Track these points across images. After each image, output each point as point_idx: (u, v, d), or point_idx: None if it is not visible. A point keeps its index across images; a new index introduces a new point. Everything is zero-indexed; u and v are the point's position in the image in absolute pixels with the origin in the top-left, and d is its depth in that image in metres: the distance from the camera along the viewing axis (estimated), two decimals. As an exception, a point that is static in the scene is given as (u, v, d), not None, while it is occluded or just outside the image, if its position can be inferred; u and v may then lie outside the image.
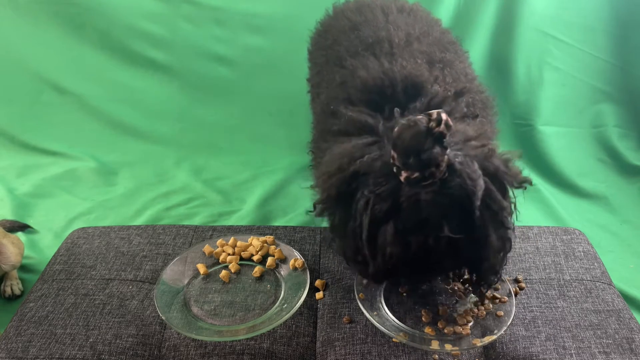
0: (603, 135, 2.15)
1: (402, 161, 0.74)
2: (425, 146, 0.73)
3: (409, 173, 0.74)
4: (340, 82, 1.05)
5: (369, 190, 0.78)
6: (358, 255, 0.85)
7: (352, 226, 0.82)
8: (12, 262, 1.44)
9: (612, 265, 1.28)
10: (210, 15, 2.15)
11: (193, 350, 0.94)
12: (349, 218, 0.82)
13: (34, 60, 2.17)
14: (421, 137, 0.73)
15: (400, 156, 0.74)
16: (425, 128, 0.73)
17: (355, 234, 0.82)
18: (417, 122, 0.73)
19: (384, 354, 0.91)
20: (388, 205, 0.77)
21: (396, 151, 0.75)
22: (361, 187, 0.80)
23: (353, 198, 0.81)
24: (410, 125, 0.73)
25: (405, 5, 1.28)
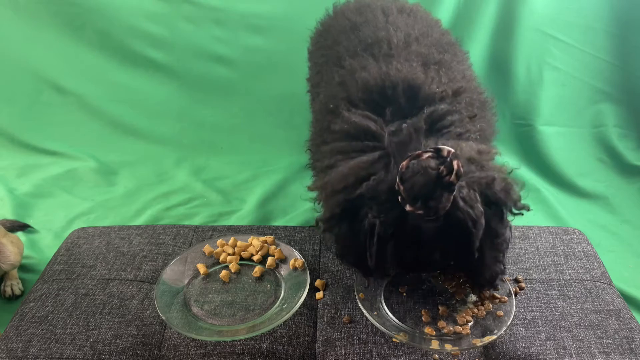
0: (603, 135, 2.15)
1: (408, 199, 0.76)
2: (434, 194, 0.75)
3: (414, 208, 0.76)
4: (339, 82, 1.05)
5: (373, 215, 0.81)
6: (360, 263, 0.88)
7: (355, 241, 0.85)
8: (11, 262, 1.44)
9: (612, 265, 1.28)
10: (210, 15, 2.15)
11: (193, 350, 0.94)
12: (352, 234, 0.85)
13: (34, 60, 2.17)
14: (430, 185, 0.74)
15: (407, 196, 0.76)
16: (436, 176, 0.74)
17: (358, 248, 0.84)
18: (428, 169, 0.75)
19: (384, 354, 0.91)
20: (392, 230, 0.80)
21: (403, 188, 0.76)
22: (366, 208, 0.82)
23: (357, 217, 0.83)
24: (420, 172, 0.75)
25: (406, 6, 1.28)
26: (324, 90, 1.13)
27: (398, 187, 0.77)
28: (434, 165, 0.75)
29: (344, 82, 1.03)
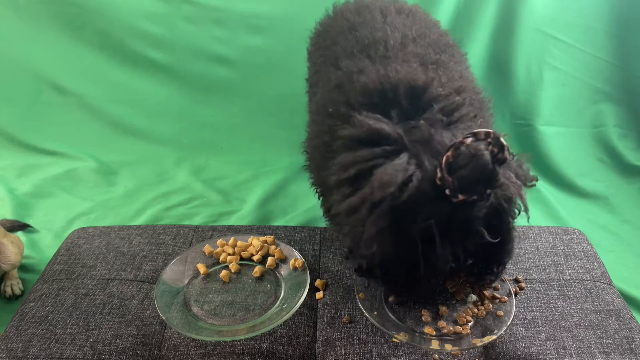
0: (603, 135, 2.15)
1: (460, 187, 0.72)
2: (490, 175, 0.72)
3: (466, 196, 0.73)
4: (336, 84, 1.03)
5: (423, 217, 0.76)
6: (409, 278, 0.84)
7: (402, 254, 0.79)
8: (11, 262, 1.44)
9: (612, 265, 1.28)
10: (210, 15, 2.15)
11: (193, 350, 0.94)
12: (400, 246, 0.79)
13: (34, 60, 2.17)
14: (486, 166, 0.72)
15: (460, 185, 0.72)
16: (490, 156, 0.72)
17: (405, 260, 0.80)
18: (480, 152, 0.71)
19: (384, 354, 0.91)
20: (444, 228, 0.77)
21: (453, 179, 0.72)
22: (411, 214, 0.77)
23: (402, 226, 0.78)
24: (473, 157, 0.72)
25: (405, 7, 1.27)
26: (321, 92, 1.13)
27: (445, 180, 0.73)
28: (483, 146, 0.72)
29: (341, 85, 1.02)
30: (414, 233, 0.77)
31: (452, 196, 0.73)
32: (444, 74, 0.98)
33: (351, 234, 0.84)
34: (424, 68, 0.99)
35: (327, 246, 1.18)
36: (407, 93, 0.92)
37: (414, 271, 0.81)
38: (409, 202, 0.75)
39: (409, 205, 0.76)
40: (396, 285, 0.90)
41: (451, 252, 0.79)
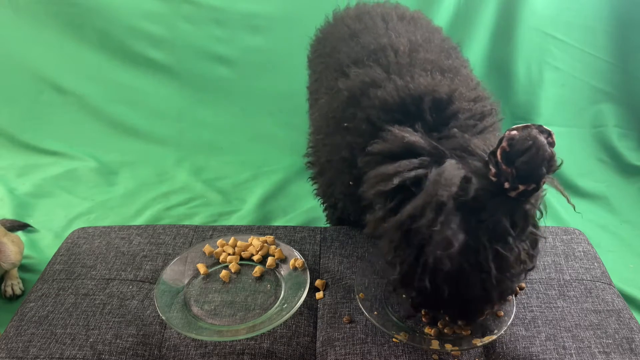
0: (603, 135, 2.16)
1: (520, 177, 0.71)
2: (550, 158, 0.72)
3: (525, 186, 0.71)
4: (348, 96, 1.01)
5: (489, 214, 0.74)
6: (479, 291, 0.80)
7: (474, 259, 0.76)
8: (12, 261, 1.44)
9: (612, 265, 1.28)
10: (210, 15, 2.15)
11: (193, 350, 0.94)
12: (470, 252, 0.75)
13: (34, 60, 2.17)
14: (546, 150, 0.71)
15: (520, 172, 0.71)
16: (547, 141, 0.71)
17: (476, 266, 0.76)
18: (536, 139, 0.70)
19: (384, 354, 0.91)
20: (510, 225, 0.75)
21: (513, 170, 0.71)
22: (476, 213, 0.74)
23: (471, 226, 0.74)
24: (531, 144, 0.70)
25: (407, 13, 1.27)
26: (326, 101, 1.11)
27: (503, 172, 0.71)
28: (536, 132, 0.71)
29: (355, 97, 0.99)
30: (481, 233, 0.74)
31: (511, 189, 0.72)
32: (461, 83, 0.97)
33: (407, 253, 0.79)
34: (444, 77, 0.97)
35: (327, 246, 1.18)
36: (430, 106, 0.90)
37: (484, 278, 0.77)
38: (474, 199, 0.73)
39: (472, 204, 0.73)
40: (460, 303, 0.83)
41: (519, 252, 0.77)
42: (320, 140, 1.11)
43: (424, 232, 0.75)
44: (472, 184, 0.73)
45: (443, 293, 0.79)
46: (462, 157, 0.79)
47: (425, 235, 0.75)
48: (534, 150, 0.70)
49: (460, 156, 0.80)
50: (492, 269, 0.75)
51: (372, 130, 0.92)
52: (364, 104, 0.97)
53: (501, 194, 0.73)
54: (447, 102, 0.91)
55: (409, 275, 0.81)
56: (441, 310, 0.86)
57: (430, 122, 0.89)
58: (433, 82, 0.94)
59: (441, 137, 0.86)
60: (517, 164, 0.70)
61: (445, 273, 0.76)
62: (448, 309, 0.85)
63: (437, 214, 0.73)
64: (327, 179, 1.15)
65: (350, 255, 1.14)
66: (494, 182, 0.72)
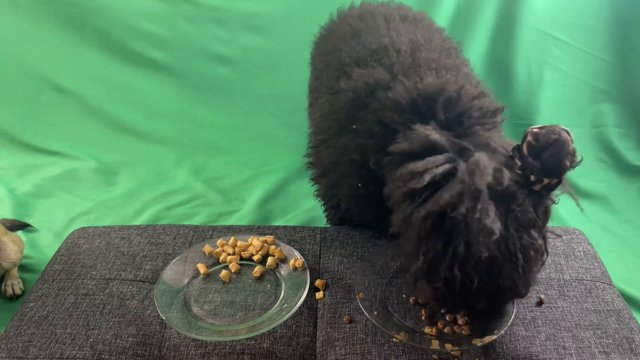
0: (603, 135, 2.16)
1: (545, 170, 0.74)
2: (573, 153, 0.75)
3: (549, 181, 0.75)
4: (354, 98, 1.00)
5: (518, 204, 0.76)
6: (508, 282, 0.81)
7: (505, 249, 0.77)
8: (12, 260, 1.44)
9: (612, 265, 1.28)
10: (210, 15, 2.15)
11: (193, 350, 0.94)
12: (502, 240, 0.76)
13: (34, 60, 2.17)
14: (569, 145, 0.74)
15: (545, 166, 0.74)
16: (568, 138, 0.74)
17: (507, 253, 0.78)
18: (560, 135, 0.74)
19: (384, 353, 0.91)
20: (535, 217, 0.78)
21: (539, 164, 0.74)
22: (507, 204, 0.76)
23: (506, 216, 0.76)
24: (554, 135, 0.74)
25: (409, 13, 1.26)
26: (328, 101, 1.11)
27: (529, 165, 0.75)
28: (559, 129, 0.75)
29: (360, 99, 0.99)
30: (510, 223, 0.76)
31: (536, 182, 0.75)
32: (465, 81, 0.97)
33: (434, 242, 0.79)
34: (450, 75, 0.97)
35: (327, 246, 1.18)
36: (443, 105, 0.90)
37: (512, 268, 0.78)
38: (505, 191, 0.76)
39: (504, 194, 0.76)
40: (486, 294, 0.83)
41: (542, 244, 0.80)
42: (322, 141, 1.11)
43: (461, 221, 0.75)
44: (504, 174, 0.75)
45: (472, 283, 0.79)
46: (487, 152, 0.81)
47: (461, 223, 0.75)
48: (559, 144, 0.73)
49: (484, 151, 0.81)
50: (519, 259, 0.78)
51: (386, 132, 0.93)
52: (373, 106, 0.97)
53: (527, 187, 0.76)
54: (456, 100, 0.91)
55: (434, 265, 0.80)
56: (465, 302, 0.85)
57: (443, 120, 0.89)
58: (441, 81, 0.94)
59: (459, 135, 0.86)
60: (543, 157, 0.74)
61: (475, 262, 0.76)
62: (474, 299, 0.83)
63: (475, 202, 0.73)
64: (331, 180, 1.15)
65: (350, 255, 1.15)
66: (520, 175, 0.76)
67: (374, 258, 1.08)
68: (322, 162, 1.14)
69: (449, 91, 0.92)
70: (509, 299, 0.88)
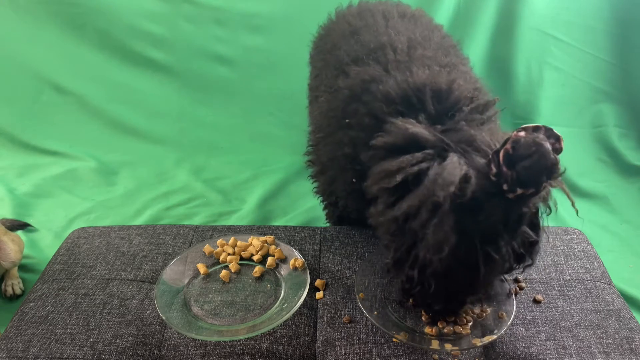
0: (603, 135, 2.16)
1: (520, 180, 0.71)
2: (553, 165, 0.72)
3: (524, 190, 0.71)
4: (350, 95, 1.01)
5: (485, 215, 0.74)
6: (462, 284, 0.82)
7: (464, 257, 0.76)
8: (12, 259, 1.44)
9: (612, 265, 1.28)
10: (210, 15, 2.15)
11: (193, 350, 0.94)
12: (461, 250, 0.75)
13: (34, 60, 2.17)
14: (549, 156, 0.71)
15: (520, 176, 0.70)
16: (551, 148, 0.71)
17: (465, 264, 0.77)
18: (541, 140, 0.70)
19: (384, 353, 0.91)
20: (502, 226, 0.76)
21: (513, 173, 0.70)
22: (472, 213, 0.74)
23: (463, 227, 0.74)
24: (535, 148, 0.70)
25: (408, 10, 1.26)
26: (326, 99, 1.11)
27: (503, 174, 0.71)
28: (542, 137, 0.71)
29: (356, 94, 0.99)
30: (474, 234, 0.74)
31: (510, 191, 0.71)
32: (459, 76, 0.97)
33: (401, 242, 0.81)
34: (442, 70, 0.97)
35: (327, 246, 1.18)
36: (432, 97, 0.90)
37: (473, 276, 0.78)
38: (471, 200, 0.73)
39: (469, 204, 0.73)
40: (445, 296, 0.85)
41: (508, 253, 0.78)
42: (320, 138, 1.11)
43: (417, 231, 0.76)
44: (470, 185, 0.73)
45: (430, 286, 0.81)
46: (466, 151, 0.79)
47: (418, 233, 0.76)
48: (536, 157, 0.70)
49: (464, 150, 0.80)
50: (481, 269, 0.77)
51: (376, 123, 0.92)
52: (365, 99, 0.97)
53: (499, 194, 0.72)
54: (447, 92, 0.91)
55: (400, 263, 0.83)
56: (423, 301, 0.88)
57: (432, 113, 0.89)
58: (432, 74, 0.94)
59: (446, 129, 0.85)
60: (518, 168, 0.70)
61: (433, 269, 0.78)
62: (432, 300, 0.86)
63: (431, 215, 0.74)
64: (328, 177, 1.15)
65: (350, 255, 1.15)
66: (493, 182, 0.72)
67: (374, 258, 1.08)
68: (321, 159, 1.14)
69: (438, 83, 0.91)
70: (466, 302, 0.90)
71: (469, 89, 0.93)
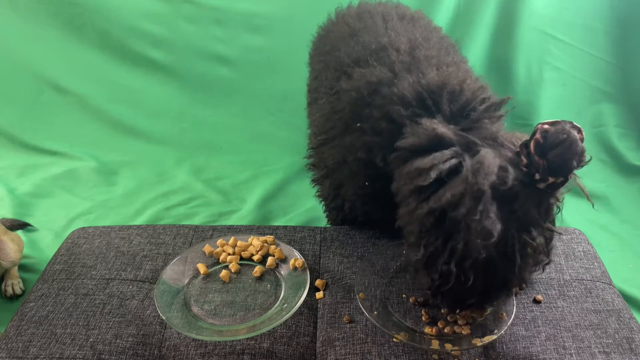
0: (603, 135, 2.16)
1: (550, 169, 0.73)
2: (582, 153, 0.73)
3: (555, 179, 0.74)
4: (357, 97, 1.00)
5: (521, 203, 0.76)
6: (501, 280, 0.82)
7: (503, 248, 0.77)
8: (11, 259, 1.44)
9: (612, 265, 1.28)
10: (210, 15, 2.15)
11: (193, 350, 0.94)
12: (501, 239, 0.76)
13: (34, 60, 2.17)
14: (577, 145, 0.73)
15: (552, 165, 0.73)
16: (578, 136, 0.73)
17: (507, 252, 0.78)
18: (570, 133, 0.72)
19: (384, 353, 0.91)
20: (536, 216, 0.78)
21: (545, 162, 0.73)
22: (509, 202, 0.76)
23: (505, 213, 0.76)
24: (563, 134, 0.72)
25: (407, 12, 1.26)
26: (328, 102, 1.10)
27: (535, 163, 0.73)
28: (569, 127, 0.73)
29: (363, 97, 0.99)
30: (511, 223, 0.76)
31: (541, 180, 0.74)
32: (467, 76, 0.97)
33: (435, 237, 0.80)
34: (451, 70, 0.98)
35: (327, 246, 1.18)
36: (447, 98, 0.91)
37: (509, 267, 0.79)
38: (508, 190, 0.75)
39: (506, 194, 0.75)
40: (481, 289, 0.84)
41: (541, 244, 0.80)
42: (324, 141, 1.11)
43: (461, 220, 0.76)
44: (509, 173, 0.75)
45: (467, 279, 0.80)
46: (494, 147, 0.80)
47: (461, 222, 0.76)
48: (567, 144, 0.72)
49: (491, 146, 0.81)
50: (517, 258, 0.78)
51: (393, 127, 0.92)
52: (378, 103, 0.97)
53: (531, 185, 0.75)
54: (459, 92, 0.91)
55: (433, 258, 0.82)
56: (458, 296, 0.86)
57: (448, 114, 0.89)
58: (443, 75, 0.94)
59: (465, 128, 0.86)
60: (550, 156, 0.73)
61: (473, 260, 0.77)
62: (467, 294, 0.85)
63: (476, 203, 0.74)
64: (336, 180, 1.14)
65: (350, 255, 1.15)
66: (525, 173, 0.75)
67: (374, 258, 1.08)
68: (325, 162, 1.13)
69: (451, 84, 0.92)
70: (501, 296, 0.90)
71: (478, 87, 0.94)
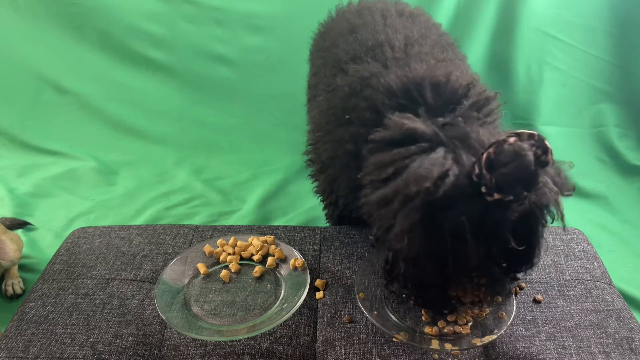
0: (603, 135, 2.16)
1: (497, 186, 0.71)
2: (531, 176, 0.71)
3: (502, 196, 0.71)
4: (349, 92, 1.01)
5: (456, 213, 0.75)
6: (434, 279, 0.83)
7: (431, 252, 0.78)
8: (11, 258, 1.45)
9: (612, 265, 1.28)
10: (210, 15, 2.15)
11: (193, 350, 0.94)
12: (430, 242, 0.77)
13: (34, 60, 2.17)
14: (529, 167, 0.70)
15: (498, 183, 0.70)
16: (533, 158, 0.70)
17: (433, 256, 0.79)
18: (524, 150, 0.70)
19: (384, 353, 0.91)
20: (475, 226, 0.75)
21: (492, 177, 0.70)
22: (445, 209, 0.75)
23: (435, 221, 0.75)
24: (515, 156, 0.70)
25: (406, 9, 1.27)
26: (325, 98, 1.11)
27: (483, 177, 0.71)
28: (527, 146, 0.70)
29: (356, 91, 1.00)
30: (444, 229, 0.75)
31: (487, 194, 0.71)
32: (456, 69, 0.97)
33: (380, 225, 0.83)
34: (439, 63, 0.98)
35: (327, 246, 1.18)
36: (431, 89, 0.91)
37: (440, 269, 0.80)
38: (444, 197, 0.74)
39: (443, 200, 0.74)
40: (417, 285, 0.87)
41: (480, 253, 0.78)
42: (320, 137, 1.11)
43: (389, 218, 0.79)
44: (445, 183, 0.73)
45: (400, 269, 0.84)
46: (457, 147, 0.79)
47: (389, 220, 0.79)
48: (514, 166, 0.70)
49: (455, 146, 0.79)
50: (449, 263, 0.78)
51: (377, 118, 0.92)
52: (365, 94, 0.98)
53: (479, 196, 0.72)
54: (444, 84, 0.91)
55: (379, 242, 0.86)
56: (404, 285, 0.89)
57: (433, 106, 0.89)
58: (429, 67, 0.95)
59: (445, 123, 0.85)
60: (496, 174, 0.70)
61: (403, 255, 0.81)
62: (408, 286, 0.87)
63: (401, 207, 0.76)
64: (329, 175, 1.15)
65: (350, 255, 1.15)
66: (474, 182, 0.72)
67: (374, 258, 1.08)
68: (321, 157, 1.14)
69: (436, 76, 0.92)
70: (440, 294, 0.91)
71: (465, 80, 0.93)
